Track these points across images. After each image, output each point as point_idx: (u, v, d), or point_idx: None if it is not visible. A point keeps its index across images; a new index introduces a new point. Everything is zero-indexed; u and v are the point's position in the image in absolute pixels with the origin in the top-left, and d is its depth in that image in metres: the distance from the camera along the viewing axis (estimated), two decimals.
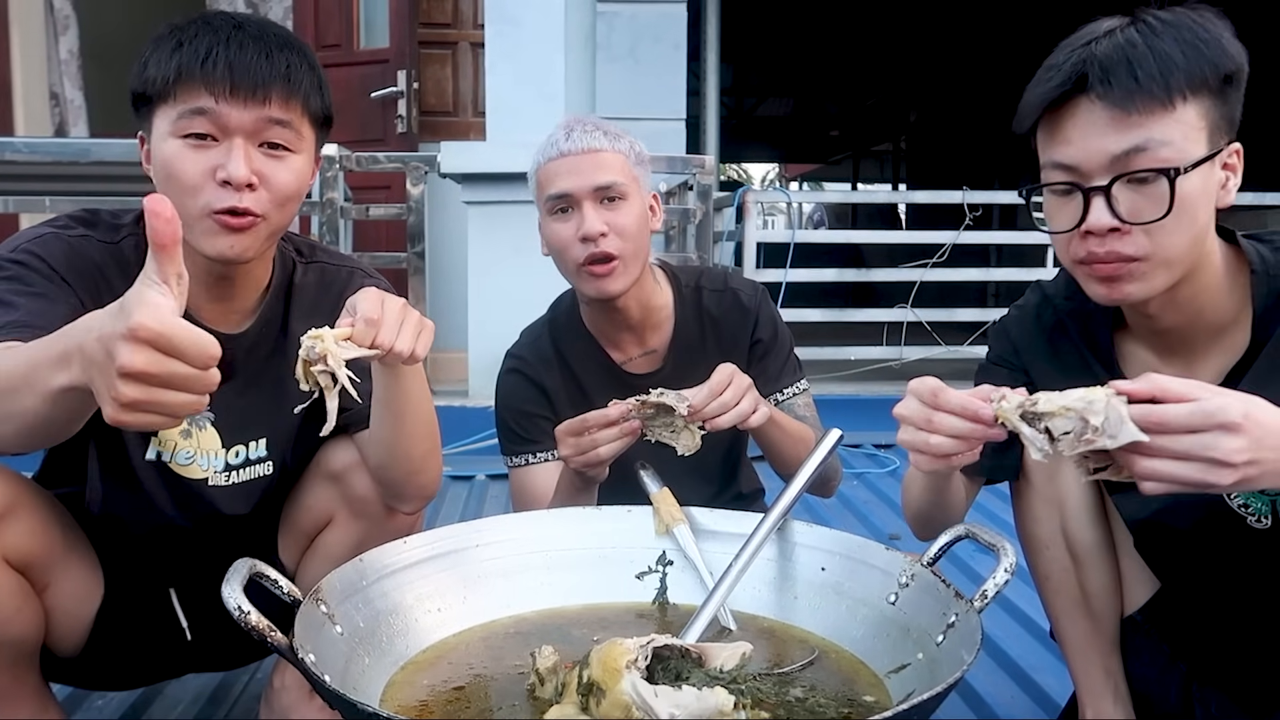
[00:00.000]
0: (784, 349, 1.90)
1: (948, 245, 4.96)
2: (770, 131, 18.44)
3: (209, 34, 1.29)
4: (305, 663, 1.04)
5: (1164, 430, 0.97)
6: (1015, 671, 1.92)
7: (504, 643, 1.36)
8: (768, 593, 1.44)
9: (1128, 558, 1.43)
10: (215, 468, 1.46)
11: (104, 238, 1.38)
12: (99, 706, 1.79)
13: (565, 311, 1.92)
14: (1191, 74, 1.11)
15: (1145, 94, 1.10)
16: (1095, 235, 1.15)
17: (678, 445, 1.53)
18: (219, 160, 1.28)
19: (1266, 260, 1.21)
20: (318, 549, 1.55)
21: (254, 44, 1.30)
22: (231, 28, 1.31)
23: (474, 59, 5.65)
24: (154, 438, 1.42)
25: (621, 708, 1.04)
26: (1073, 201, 1.17)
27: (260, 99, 1.29)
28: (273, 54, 1.30)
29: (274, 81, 1.30)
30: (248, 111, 1.29)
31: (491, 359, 1.99)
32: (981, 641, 1.07)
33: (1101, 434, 0.98)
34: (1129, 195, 1.13)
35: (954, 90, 12.48)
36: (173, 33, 1.31)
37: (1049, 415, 1.01)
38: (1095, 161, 1.14)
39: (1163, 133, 1.11)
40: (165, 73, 1.28)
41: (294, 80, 1.32)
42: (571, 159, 1.71)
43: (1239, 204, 4.68)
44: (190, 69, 1.27)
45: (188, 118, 1.28)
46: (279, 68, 1.30)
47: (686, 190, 4.48)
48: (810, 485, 1.48)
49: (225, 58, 1.27)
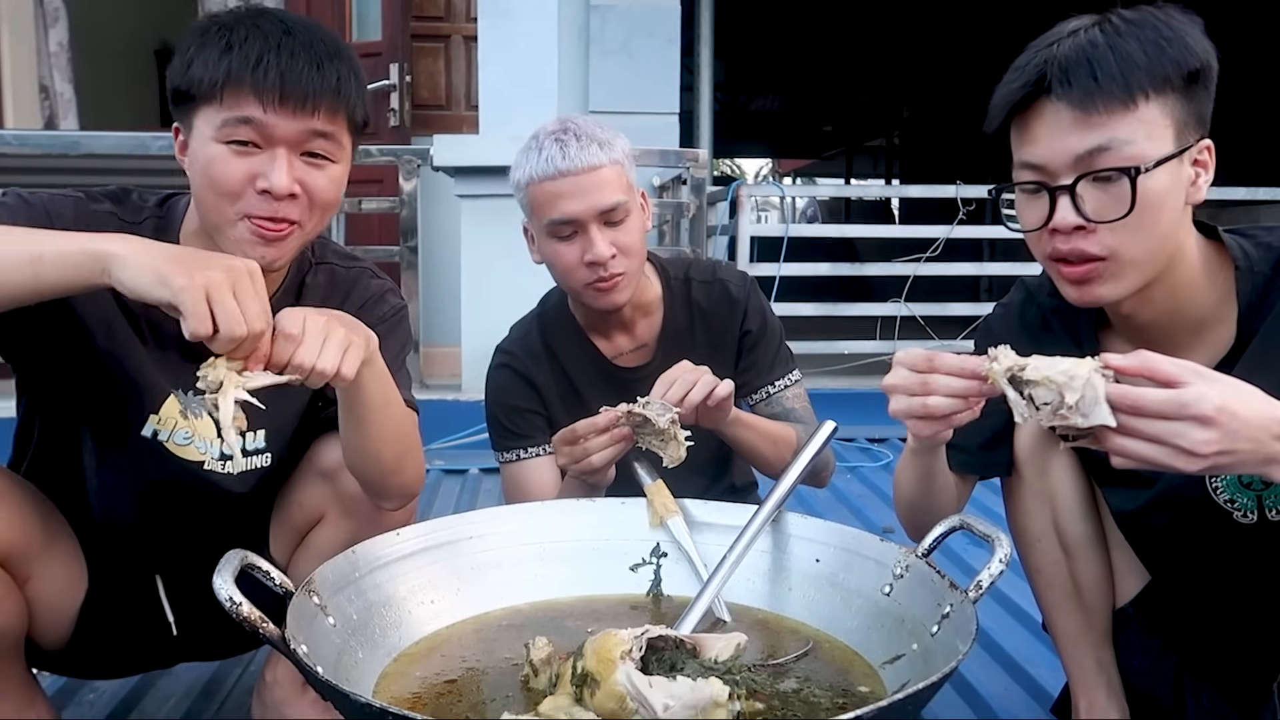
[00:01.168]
0: (774, 340, 1.90)
1: (941, 240, 4.97)
2: (763, 127, 18.43)
3: (259, 39, 1.26)
4: (298, 654, 1.03)
5: (1138, 413, 0.99)
6: (1008, 663, 1.93)
7: (497, 634, 1.36)
8: (762, 584, 1.44)
9: (1119, 550, 1.43)
10: (212, 454, 1.46)
11: (125, 216, 1.37)
12: (90, 701, 1.78)
13: (554, 306, 1.91)
14: (1154, 72, 1.12)
15: (1105, 94, 1.11)
16: (1061, 233, 1.16)
17: (664, 456, 1.53)
18: (261, 168, 1.27)
19: (1250, 255, 1.22)
20: (309, 546, 1.54)
21: (304, 53, 1.27)
22: (282, 33, 1.28)
23: (467, 52, 5.63)
24: (154, 415, 1.41)
25: (616, 699, 1.04)
26: (1041, 200, 1.18)
27: (309, 111, 1.27)
28: (323, 65, 1.28)
29: (324, 94, 1.27)
30: (295, 123, 1.27)
31: (484, 353, 1.98)
32: (976, 632, 1.07)
33: (1075, 412, 1.01)
34: (1093, 194, 1.14)
35: (947, 85, 12.49)
36: (220, 31, 1.28)
37: (1033, 384, 1.04)
38: (1060, 161, 1.14)
39: (1126, 132, 1.12)
40: (214, 75, 1.25)
41: (343, 93, 1.30)
42: (572, 179, 1.66)
43: (1231, 199, 4.71)
44: (240, 75, 1.24)
45: (233, 125, 1.25)
46: (329, 80, 1.28)
47: (680, 185, 4.47)
48: (803, 477, 1.48)
49: (277, 66, 1.25)
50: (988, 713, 1.75)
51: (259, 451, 1.49)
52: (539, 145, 1.69)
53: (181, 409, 1.42)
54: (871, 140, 18.09)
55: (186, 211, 1.40)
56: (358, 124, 1.36)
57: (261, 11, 1.32)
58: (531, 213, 1.73)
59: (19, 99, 5.28)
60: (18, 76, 5.31)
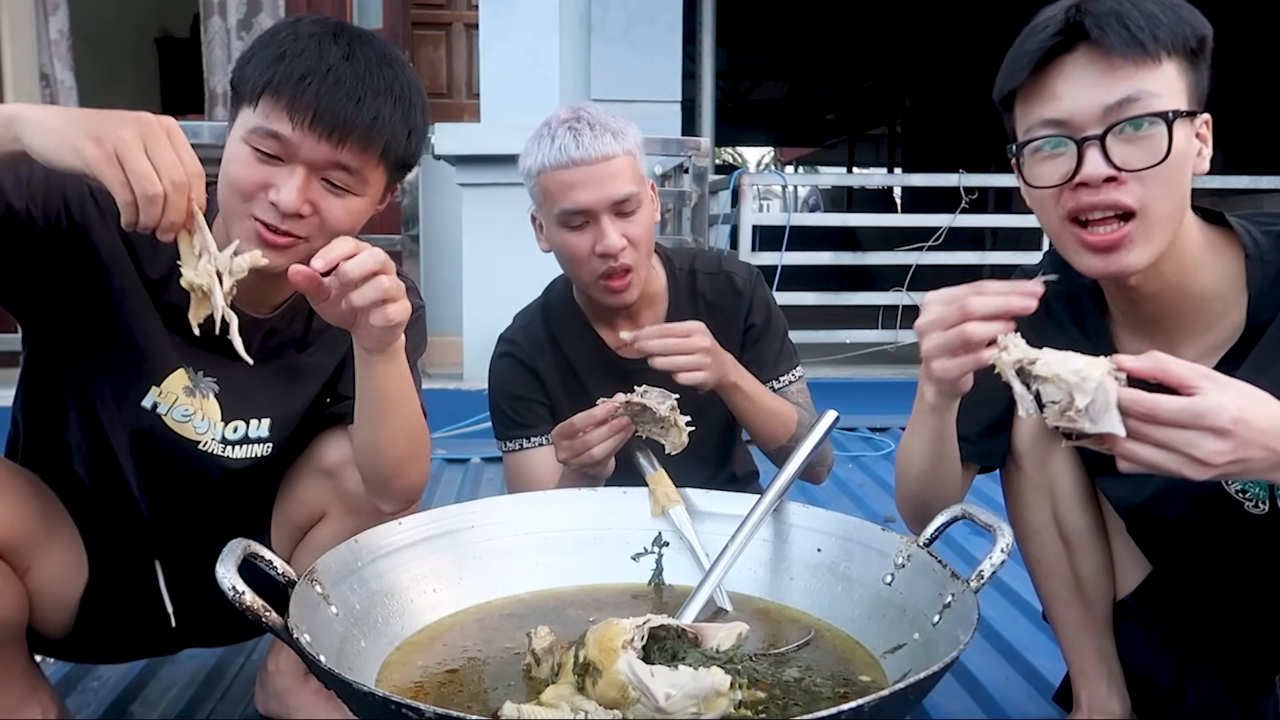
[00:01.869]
0: (778, 335, 1.90)
1: (943, 228, 4.96)
2: (765, 115, 18.36)
3: (313, 57, 1.26)
4: (300, 643, 1.03)
5: (1151, 419, 0.97)
6: (1010, 653, 1.93)
7: (499, 623, 1.36)
8: (763, 574, 1.44)
9: (1119, 542, 1.43)
10: (212, 435, 1.45)
11: None
12: (94, 689, 1.79)
13: (559, 295, 1.91)
14: (1175, 32, 1.13)
15: (1137, 46, 1.11)
16: (1089, 187, 1.14)
17: (665, 443, 1.53)
18: (276, 180, 1.26)
19: (1260, 244, 1.21)
20: (310, 543, 1.54)
21: (350, 84, 1.26)
22: (340, 57, 1.27)
23: (468, 40, 5.61)
24: (155, 386, 1.40)
25: (618, 687, 1.04)
26: (1063, 156, 1.17)
27: (335, 141, 1.26)
28: (365, 99, 1.27)
29: (354, 129, 1.26)
30: (320, 148, 1.26)
31: (486, 342, 1.98)
32: (978, 622, 1.07)
33: (1083, 416, 0.98)
34: (1121, 146, 1.13)
35: (950, 74, 12.44)
36: (284, 38, 1.28)
37: (1042, 380, 1.01)
38: (1088, 113, 1.14)
39: (1153, 85, 1.12)
40: (257, 80, 1.26)
41: (376, 132, 1.29)
42: (585, 169, 1.64)
43: (1235, 188, 4.69)
44: (280, 88, 1.24)
45: (262, 135, 1.26)
46: (365, 116, 1.27)
47: (682, 173, 4.46)
48: (805, 466, 1.48)
49: (317, 90, 1.24)
50: (989, 702, 1.76)
51: (260, 440, 1.49)
52: (551, 133, 1.68)
53: (189, 386, 1.41)
54: (874, 129, 18.03)
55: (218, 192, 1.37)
56: (395, 162, 1.34)
57: (338, 29, 1.30)
58: (542, 201, 1.72)
59: (20, 87, 5.27)
60: (18, 64, 5.30)
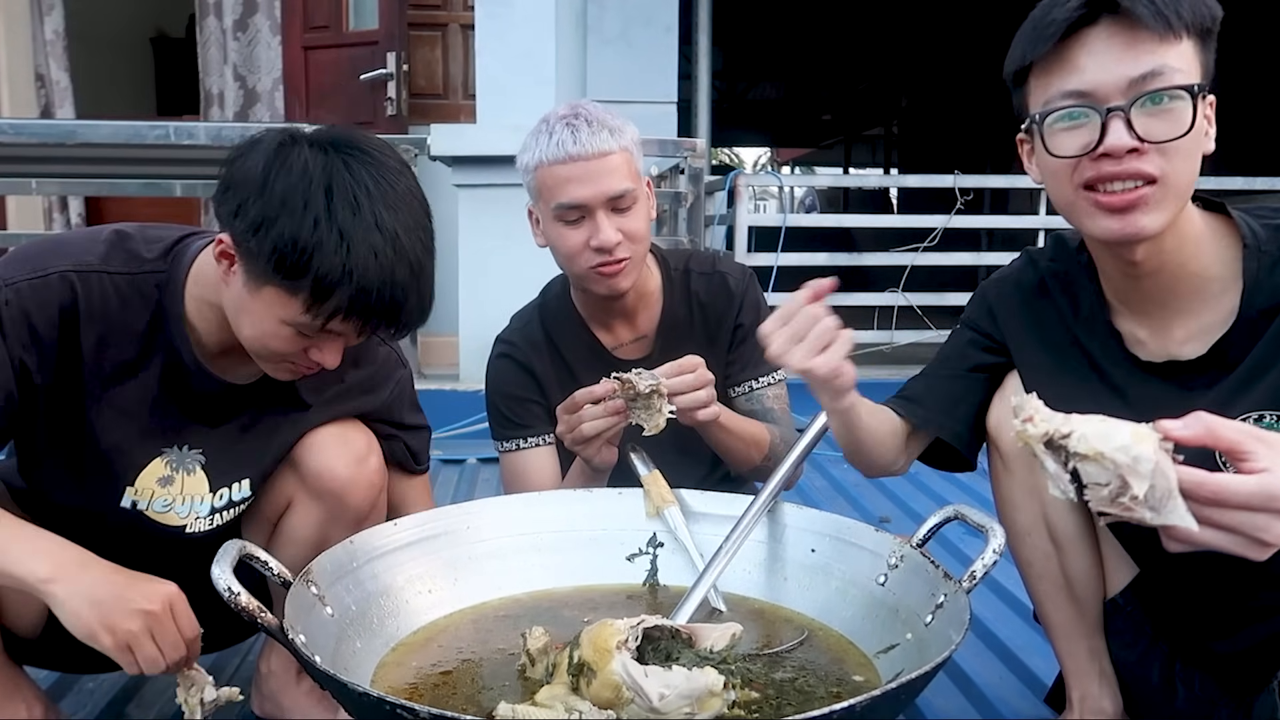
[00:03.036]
0: None
1: (939, 229, 4.96)
2: (761, 116, 18.37)
3: (368, 255, 1.20)
4: (296, 643, 1.04)
5: (1218, 504, 0.87)
6: (1003, 652, 1.93)
7: (494, 624, 1.36)
8: (758, 574, 1.45)
9: (1108, 542, 1.44)
10: (198, 512, 1.44)
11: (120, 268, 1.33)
12: (90, 690, 1.79)
13: (556, 296, 1.91)
14: (1194, 10, 1.15)
15: (1161, 22, 1.13)
16: (1112, 157, 1.15)
17: (645, 425, 1.53)
18: (319, 345, 1.28)
19: (1259, 235, 1.22)
20: (282, 533, 1.53)
21: (410, 286, 1.23)
22: (387, 239, 1.21)
23: (464, 41, 5.60)
24: (130, 487, 1.39)
25: (612, 688, 1.04)
26: (1084, 127, 1.17)
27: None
28: (420, 293, 1.25)
29: (414, 324, 1.29)
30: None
31: (482, 343, 1.98)
32: (970, 622, 1.08)
33: (1142, 505, 0.84)
34: (1144, 119, 1.14)
35: (946, 75, 12.46)
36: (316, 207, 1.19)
37: (1082, 457, 0.86)
38: (1113, 85, 1.15)
39: (1175, 60, 1.14)
40: (315, 285, 1.20)
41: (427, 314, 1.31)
42: (582, 165, 1.65)
43: (1230, 189, 4.65)
44: (352, 311, 1.22)
45: (313, 332, 1.26)
46: (423, 310, 1.28)
47: (678, 174, 4.46)
48: (796, 468, 1.48)
49: (389, 311, 1.24)
50: (981, 701, 1.76)
51: (243, 501, 1.48)
52: (549, 129, 1.68)
53: (164, 476, 1.40)
54: (870, 130, 18.05)
55: (193, 264, 1.35)
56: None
57: (347, 175, 1.21)
58: (539, 196, 1.73)
59: (15, 87, 5.26)
60: (13, 65, 5.29)
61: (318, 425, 1.50)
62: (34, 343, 1.26)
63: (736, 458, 1.78)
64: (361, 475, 1.49)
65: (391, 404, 1.59)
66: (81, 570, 1.19)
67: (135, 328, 1.32)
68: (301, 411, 1.48)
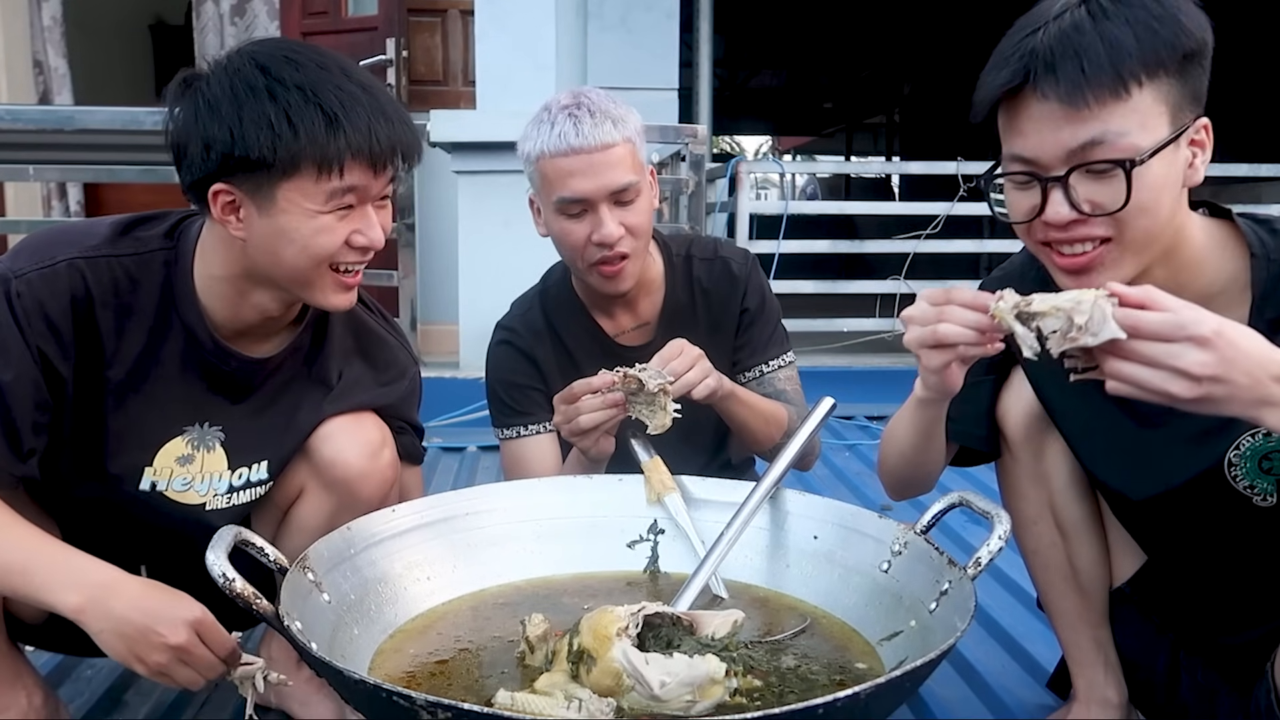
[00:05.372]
0: (771, 319, 1.89)
1: (941, 217, 4.94)
2: (763, 104, 18.31)
3: (341, 97, 1.25)
4: (292, 631, 1.03)
5: (1137, 334, 0.99)
6: (1005, 640, 1.93)
7: (493, 611, 1.35)
8: (760, 561, 1.44)
9: (1115, 530, 1.43)
10: (217, 490, 1.44)
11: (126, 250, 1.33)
12: (88, 677, 1.78)
13: (557, 283, 1.90)
14: (1146, 58, 1.07)
15: (1095, 86, 1.06)
16: (1055, 226, 1.13)
17: (650, 423, 1.52)
18: (357, 226, 1.30)
19: (1266, 244, 1.18)
20: (291, 522, 1.52)
21: (383, 106, 1.29)
22: (355, 86, 1.27)
23: (464, 27, 5.57)
24: (149, 467, 1.39)
25: (612, 675, 1.04)
26: (1032, 191, 1.14)
27: (394, 166, 1.30)
28: (395, 114, 1.29)
29: (408, 149, 1.31)
30: (381, 179, 1.30)
31: (482, 330, 1.97)
32: (975, 609, 1.07)
33: (1085, 332, 1.01)
34: (1087, 185, 1.10)
35: (947, 62, 12.41)
36: (291, 95, 1.24)
37: (1041, 315, 1.04)
38: (1051, 155, 1.10)
39: (1119, 123, 1.07)
40: (321, 148, 1.24)
41: (415, 138, 1.33)
42: (584, 157, 1.62)
43: (1233, 176, 4.61)
44: (357, 146, 1.25)
45: (342, 194, 1.28)
46: (406, 130, 1.31)
47: (679, 161, 4.44)
48: (800, 453, 1.47)
49: (379, 131, 1.26)
50: (984, 689, 1.75)
51: (260, 483, 1.48)
52: (551, 118, 1.66)
53: (184, 455, 1.40)
54: (872, 117, 17.98)
55: (198, 241, 1.36)
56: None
57: (303, 58, 1.27)
58: (540, 187, 1.71)
59: (13, 73, 5.24)
60: (11, 51, 5.27)
61: (334, 415, 1.49)
62: (51, 332, 1.26)
63: (756, 436, 1.76)
64: (375, 468, 1.48)
65: (405, 399, 1.59)
66: (110, 597, 1.17)
67: (148, 308, 1.33)
68: (321, 393, 1.48)
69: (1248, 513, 1.22)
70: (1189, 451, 1.23)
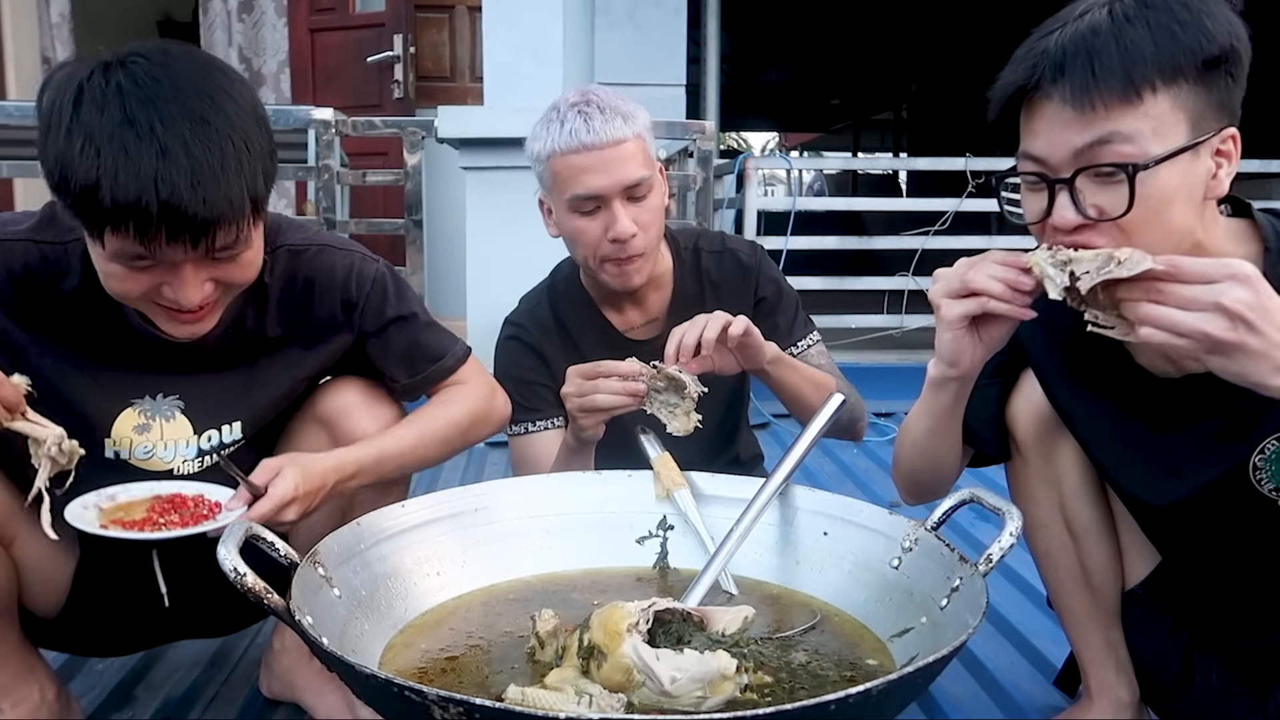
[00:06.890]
0: (790, 304, 1.89)
1: (949, 213, 4.92)
2: (770, 100, 18.26)
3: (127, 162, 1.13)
4: (303, 625, 1.03)
5: (1178, 278, 0.99)
6: (1015, 637, 1.92)
7: (504, 607, 1.35)
8: (769, 557, 1.43)
9: (1128, 532, 1.41)
10: (184, 455, 1.44)
11: (46, 237, 1.33)
12: (99, 671, 1.79)
13: (565, 278, 1.90)
14: (1163, 64, 1.04)
15: (1104, 88, 1.05)
16: (1062, 230, 1.11)
17: (671, 425, 1.52)
18: (165, 280, 1.21)
19: None
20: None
21: (188, 177, 1.13)
22: (155, 147, 1.13)
23: (471, 23, 5.57)
24: (108, 438, 1.40)
25: (623, 670, 1.03)
26: (1042, 193, 1.13)
27: (205, 241, 1.18)
28: (208, 187, 1.14)
29: (216, 223, 1.16)
30: (189, 250, 1.18)
31: (490, 326, 1.97)
32: (987, 606, 1.06)
33: (1121, 266, 1.01)
34: (1094, 189, 1.08)
35: (956, 58, 12.37)
36: (78, 142, 1.14)
37: (1077, 260, 1.05)
38: (1059, 155, 1.09)
39: (1128, 126, 1.05)
40: (91, 216, 1.16)
41: (237, 208, 1.18)
42: (596, 154, 1.63)
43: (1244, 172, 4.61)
44: (123, 225, 1.15)
45: (128, 258, 1.20)
46: (219, 205, 1.15)
47: (687, 157, 4.43)
48: (829, 429, 1.47)
49: (160, 214, 1.13)
50: (993, 686, 1.75)
51: (235, 443, 1.47)
52: (560, 117, 1.66)
53: (140, 424, 1.40)
54: (879, 114, 17.93)
55: None
56: (261, 196, 1.23)
57: (117, 88, 1.15)
58: (551, 186, 1.71)
59: (21, 70, 5.26)
60: (20, 48, 5.29)
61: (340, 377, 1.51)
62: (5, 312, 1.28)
63: (807, 400, 1.72)
64: None
65: (378, 308, 1.48)
66: None
67: (68, 293, 1.33)
68: (281, 348, 1.46)
69: (1273, 516, 1.21)
70: (1210, 456, 1.21)
